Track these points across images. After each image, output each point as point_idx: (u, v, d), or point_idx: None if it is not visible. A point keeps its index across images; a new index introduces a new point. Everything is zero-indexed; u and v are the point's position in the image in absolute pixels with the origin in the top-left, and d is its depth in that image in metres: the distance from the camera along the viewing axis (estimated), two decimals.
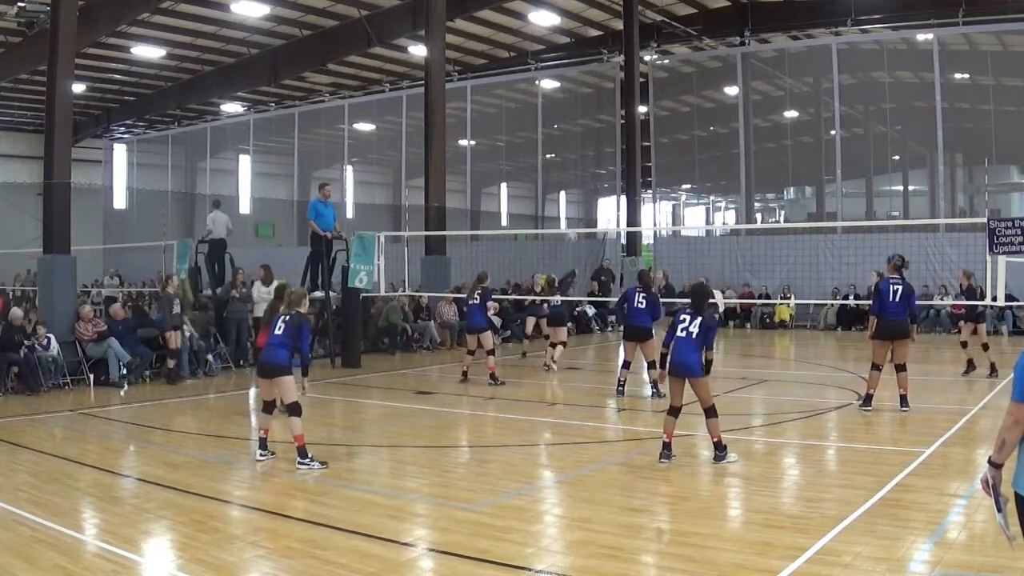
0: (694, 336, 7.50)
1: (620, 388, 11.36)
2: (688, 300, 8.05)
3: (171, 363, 13.54)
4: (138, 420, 10.31)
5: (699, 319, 7.55)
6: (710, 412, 7.50)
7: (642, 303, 11.17)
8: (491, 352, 13.04)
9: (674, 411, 7.57)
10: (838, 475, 7.13)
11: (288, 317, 7.81)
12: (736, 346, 19.48)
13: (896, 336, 9.81)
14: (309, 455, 7.43)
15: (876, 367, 9.88)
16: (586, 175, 34.80)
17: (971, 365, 12.99)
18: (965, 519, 5.88)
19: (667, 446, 7.55)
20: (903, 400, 9.84)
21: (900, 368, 9.86)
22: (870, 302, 14.15)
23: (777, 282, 23.02)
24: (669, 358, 7.64)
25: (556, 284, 15.10)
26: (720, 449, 7.51)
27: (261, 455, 7.69)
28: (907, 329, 9.86)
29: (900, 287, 9.81)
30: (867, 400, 9.94)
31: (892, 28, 23.58)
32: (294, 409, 7.55)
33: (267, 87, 29.20)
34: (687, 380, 7.52)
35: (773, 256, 23.03)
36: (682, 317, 7.66)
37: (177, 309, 13.69)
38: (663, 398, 9.47)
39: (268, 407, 7.89)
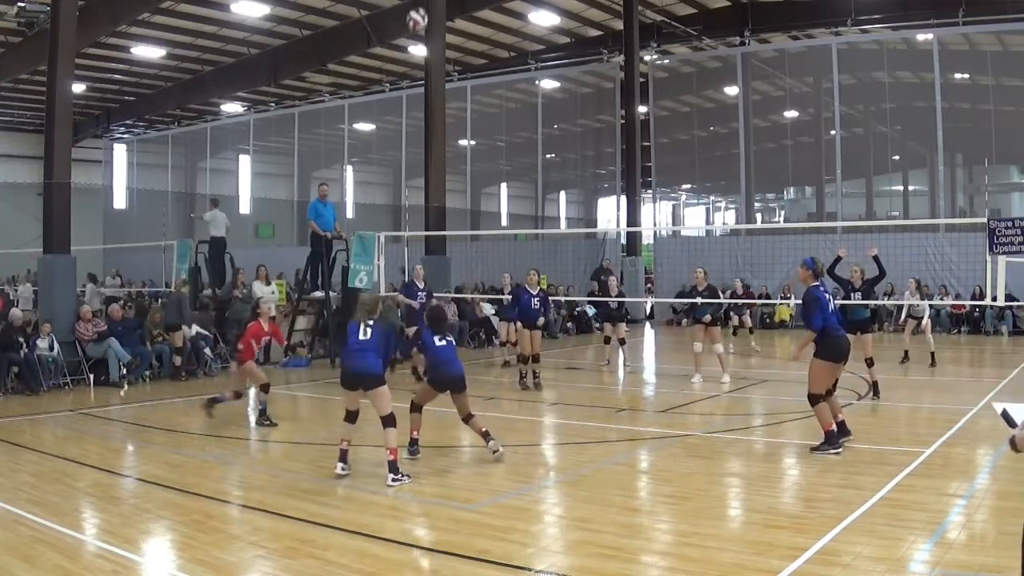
0: (454, 344, 7.72)
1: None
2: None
3: (177, 360, 13.65)
4: (138, 420, 10.32)
5: (448, 334, 7.76)
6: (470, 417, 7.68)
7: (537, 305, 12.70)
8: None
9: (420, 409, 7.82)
10: (838, 475, 7.12)
11: (372, 323, 7.35)
12: (736, 346, 19.47)
13: (847, 356, 8.06)
14: (400, 470, 7.02)
15: (822, 397, 7.89)
16: (586, 175, 34.83)
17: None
18: (965, 519, 5.88)
19: (415, 442, 7.79)
20: (838, 431, 7.90)
21: (819, 399, 7.93)
22: (861, 303, 13.76)
23: (777, 282, 23.03)
24: (436, 370, 7.68)
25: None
26: (489, 437, 7.67)
27: (343, 469, 7.17)
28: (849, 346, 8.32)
29: (829, 294, 8.17)
30: (834, 438, 7.80)
31: (892, 28, 23.59)
32: (389, 421, 7.13)
33: (267, 87, 29.22)
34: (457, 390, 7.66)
35: (773, 256, 23.04)
36: (434, 336, 7.74)
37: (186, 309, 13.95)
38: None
39: (352, 416, 7.34)
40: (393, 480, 6.99)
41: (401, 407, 7.57)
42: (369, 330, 7.30)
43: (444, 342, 7.71)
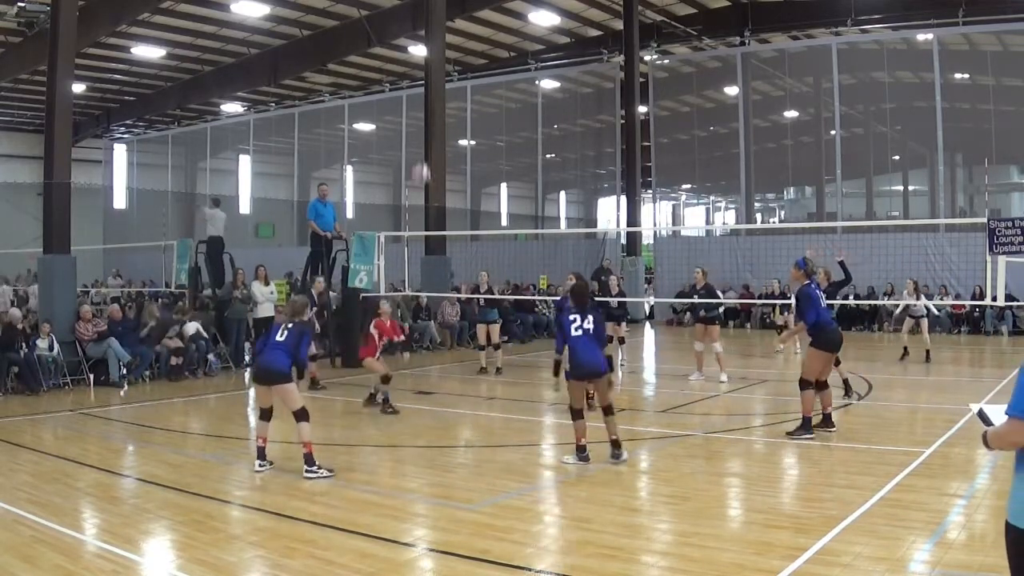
0: (591, 332, 7.45)
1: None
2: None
3: (173, 360, 13.74)
4: (138, 420, 10.31)
5: (590, 315, 7.49)
6: (610, 410, 7.50)
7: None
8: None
9: (581, 414, 7.50)
10: (838, 475, 7.12)
11: (291, 325, 7.61)
12: (736, 346, 19.48)
13: (840, 346, 8.89)
14: (316, 463, 7.22)
15: (816, 385, 8.63)
16: (586, 175, 34.83)
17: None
18: (965, 519, 5.88)
19: (583, 448, 7.52)
20: (824, 422, 8.65)
21: (822, 386, 8.70)
22: (862, 302, 14.04)
23: (777, 282, 23.02)
24: (571, 361, 7.44)
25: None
26: (619, 447, 7.50)
27: (260, 465, 7.44)
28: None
29: (820, 292, 8.89)
30: (809, 425, 8.52)
31: (892, 28, 23.59)
32: (302, 415, 7.32)
33: (267, 87, 29.21)
34: (593, 380, 7.48)
35: (773, 256, 23.02)
36: (571, 317, 7.49)
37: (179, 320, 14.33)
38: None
39: (266, 414, 7.63)
40: (308, 472, 7.17)
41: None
42: (287, 332, 7.57)
43: (580, 331, 7.44)
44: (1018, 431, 3.01)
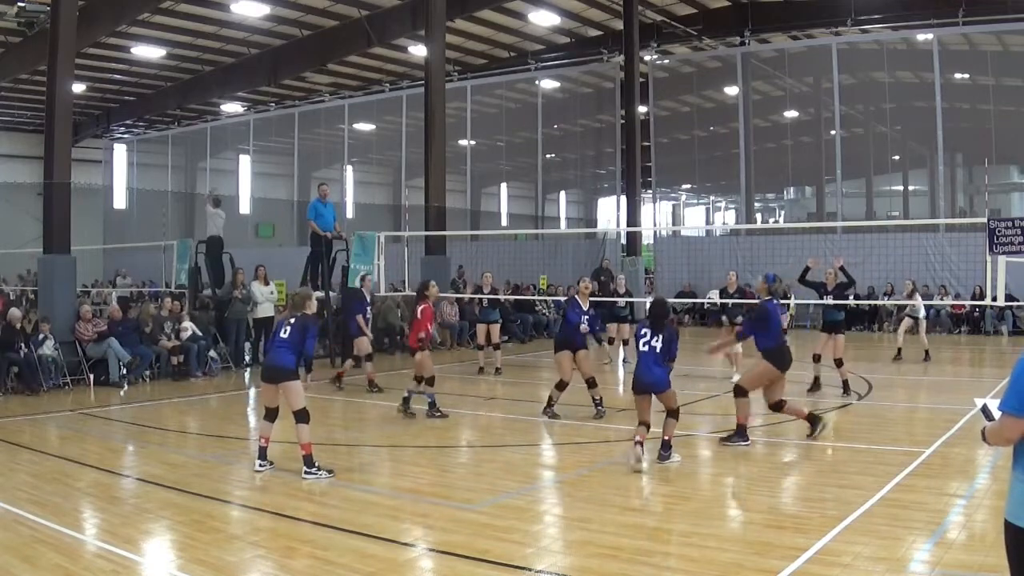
0: (658, 350, 7.50)
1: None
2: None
3: (174, 360, 13.81)
4: (138, 420, 10.31)
5: (660, 334, 7.55)
6: (674, 414, 7.62)
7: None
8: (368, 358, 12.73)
9: (646, 426, 7.50)
10: (838, 475, 7.12)
11: (294, 320, 7.57)
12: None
13: (788, 367, 8.48)
14: (316, 464, 7.19)
15: (747, 393, 8.42)
16: (586, 175, 34.82)
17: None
18: (965, 519, 5.88)
19: (641, 445, 7.43)
20: (810, 421, 8.53)
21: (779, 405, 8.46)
22: (862, 302, 14.01)
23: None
24: (634, 374, 7.61)
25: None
26: (666, 448, 7.56)
27: (260, 465, 7.43)
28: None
29: (779, 310, 8.79)
30: (744, 432, 8.34)
31: (892, 28, 23.59)
32: (302, 416, 7.26)
33: (267, 87, 29.21)
34: (654, 395, 7.56)
35: (773, 256, 23.01)
36: (642, 331, 7.62)
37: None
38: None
39: (271, 414, 7.56)
40: (307, 474, 7.16)
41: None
42: (289, 327, 7.53)
43: (647, 347, 7.54)
44: (1011, 427, 3.07)
